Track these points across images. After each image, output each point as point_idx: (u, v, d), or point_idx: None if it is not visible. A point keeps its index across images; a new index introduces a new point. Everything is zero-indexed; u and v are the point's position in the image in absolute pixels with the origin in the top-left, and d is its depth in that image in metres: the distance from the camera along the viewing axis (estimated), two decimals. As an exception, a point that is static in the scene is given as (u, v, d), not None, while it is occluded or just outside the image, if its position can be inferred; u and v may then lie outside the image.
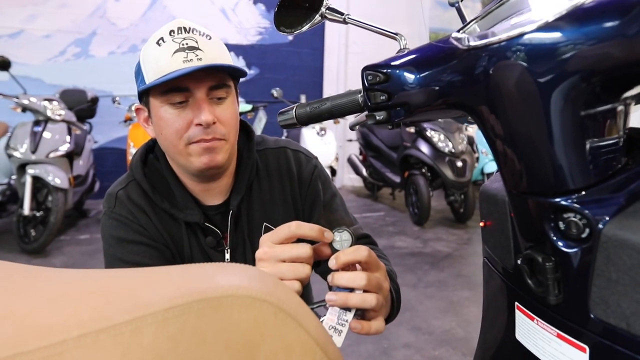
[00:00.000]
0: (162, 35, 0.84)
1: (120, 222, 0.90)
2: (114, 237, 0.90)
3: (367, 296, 0.64)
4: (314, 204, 1.01)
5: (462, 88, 0.51)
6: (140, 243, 0.89)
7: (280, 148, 1.03)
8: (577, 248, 0.45)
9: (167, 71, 0.81)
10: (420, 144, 4.56)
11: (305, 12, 0.75)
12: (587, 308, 0.44)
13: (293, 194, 1.00)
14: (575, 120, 0.44)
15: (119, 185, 0.95)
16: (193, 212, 0.91)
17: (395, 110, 0.59)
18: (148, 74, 0.84)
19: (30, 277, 0.32)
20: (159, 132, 0.87)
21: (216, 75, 0.85)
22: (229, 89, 0.88)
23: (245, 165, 0.96)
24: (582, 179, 0.45)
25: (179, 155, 0.87)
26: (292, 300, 0.33)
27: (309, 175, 1.01)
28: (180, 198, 0.92)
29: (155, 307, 0.27)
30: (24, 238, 3.59)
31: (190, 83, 0.82)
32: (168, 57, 0.81)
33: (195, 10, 6.02)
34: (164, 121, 0.85)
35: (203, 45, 0.83)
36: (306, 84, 6.73)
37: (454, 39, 0.52)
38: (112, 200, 0.93)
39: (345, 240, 0.66)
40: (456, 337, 2.35)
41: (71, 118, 4.15)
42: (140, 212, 0.91)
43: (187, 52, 0.81)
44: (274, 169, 1.00)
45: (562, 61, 0.42)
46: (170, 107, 0.84)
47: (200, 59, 0.82)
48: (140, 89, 0.87)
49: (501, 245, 0.59)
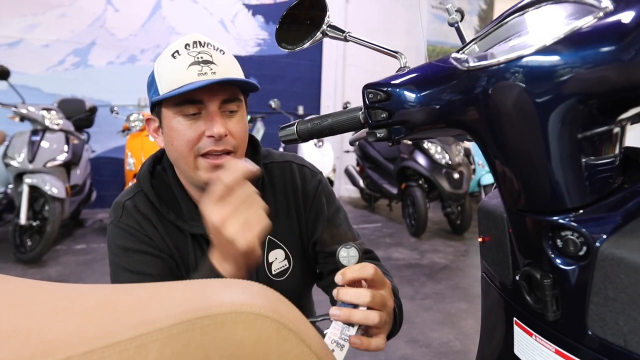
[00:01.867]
0: (177, 48, 0.86)
1: (127, 231, 0.91)
2: (120, 247, 0.91)
3: (370, 313, 0.65)
4: (318, 218, 1.02)
5: (462, 107, 0.52)
6: (145, 253, 0.90)
7: (285, 162, 1.04)
8: (574, 265, 0.46)
9: (182, 83, 0.83)
10: (417, 156, 4.58)
11: (306, 29, 0.76)
12: (585, 325, 0.45)
13: (297, 207, 1.01)
14: (572, 140, 0.45)
15: (126, 195, 0.96)
16: (198, 224, 0.91)
17: (396, 128, 0.60)
18: (162, 85, 0.86)
19: (31, 291, 0.32)
20: (170, 143, 0.88)
21: (229, 89, 0.87)
22: (240, 103, 0.90)
23: (251, 179, 0.97)
24: (579, 198, 0.46)
25: (187, 166, 0.88)
26: (295, 316, 0.33)
27: (313, 190, 1.03)
28: (186, 209, 0.93)
29: (160, 323, 0.28)
30: (20, 247, 3.57)
31: (204, 96, 0.84)
32: (183, 70, 0.83)
33: (194, 21, 6.05)
34: (176, 132, 0.86)
35: (217, 59, 0.86)
36: (304, 95, 6.76)
37: (453, 59, 0.53)
38: (119, 210, 0.94)
39: (353, 257, 0.67)
40: (454, 349, 2.34)
41: (69, 127, 4.15)
42: (147, 222, 0.92)
43: (202, 66, 0.84)
44: (279, 182, 1.01)
45: (559, 84, 0.43)
46: (183, 119, 0.86)
47: (215, 72, 0.84)
48: (154, 100, 0.88)
49: (499, 261, 0.59)
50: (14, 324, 0.27)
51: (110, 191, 5.52)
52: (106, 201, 5.57)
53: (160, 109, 0.90)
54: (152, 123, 0.95)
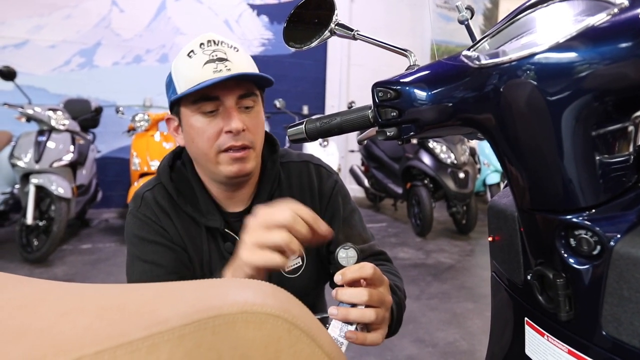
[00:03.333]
0: (193, 48, 0.89)
1: (143, 221, 0.94)
2: (136, 236, 0.93)
3: (366, 311, 0.67)
4: (333, 218, 1.03)
5: (473, 105, 0.51)
6: (159, 244, 0.92)
7: (303, 162, 1.06)
8: (588, 265, 0.45)
9: (198, 81, 0.85)
10: (422, 155, 4.57)
11: (314, 28, 0.75)
12: (599, 325, 0.44)
13: (313, 207, 1.02)
14: (586, 138, 0.44)
15: (146, 186, 0.99)
16: (215, 218, 0.94)
17: (406, 126, 0.59)
18: (180, 85, 0.88)
19: (42, 291, 0.32)
20: (190, 141, 0.91)
21: (244, 85, 0.89)
22: (256, 98, 0.92)
23: (269, 176, 1.00)
24: (593, 196, 0.45)
25: (209, 163, 0.91)
26: (306, 316, 0.33)
27: (329, 190, 1.04)
28: (203, 204, 0.96)
29: (172, 323, 0.27)
30: (27, 247, 3.59)
31: (220, 92, 0.87)
32: (199, 68, 0.86)
33: (199, 21, 6.06)
34: (195, 130, 0.89)
35: (231, 56, 0.88)
36: (309, 95, 6.75)
37: (464, 57, 0.53)
38: (139, 201, 0.96)
39: (351, 257, 0.68)
40: (460, 349, 2.34)
41: (75, 128, 4.16)
42: (164, 214, 0.94)
43: (217, 63, 0.86)
44: (295, 181, 1.04)
45: (574, 81, 0.42)
46: (201, 116, 0.88)
47: (230, 69, 0.86)
48: (172, 99, 0.91)
49: (510, 261, 0.59)
50: (26, 323, 0.27)
51: (115, 191, 5.54)
52: (112, 201, 5.59)
53: (179, 108, 0.93)
54: (172, 122, 0.98)
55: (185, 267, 0.93)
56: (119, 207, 5.64)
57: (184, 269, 0.93)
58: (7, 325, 0.26)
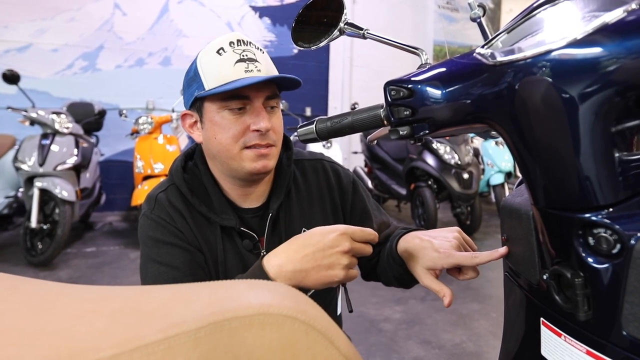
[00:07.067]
0: (222, 45, 0.90)
1: (158, 223, 0.93)
2: (151, 238, 0.93)
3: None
4: (364, 212, 1.09)
5: (489, 103, 0.51)
6: (174, 245, 0.92)
7: (316, 160, 1.10)
8: (607, 264, 0.44)
9: (229, 79, 0.87)
10: (426, 156, 4.55)
11: (323, 27, 0.75)
12: (619, 325, 0.44)
13: (332, 201, 1.07)
14: (605, 135, 0.43)
15: (159, 188, 0.99)
16: (229, 217, 0.95)
17: (419, 125, 0.58)
18: (208, 81, 0.89)
19: (56, 294, 0.32)
20: (212, 136, 0.92)
21: (271, 87, 0.92)
22: (279, 100, 0.96)
23: (285, 172, 1.02)
24: (612, 194, 0.44)
25: (231, 159, 0.92)
26: (323, 318, 0.33)
27: (349, 184, 1.09)
28: (217, 203, 0.96)
29: (188, 325, 0.27)
30: (31, 251, 3.59)
31: (250, 92, 0.89)
32: (230, 66, 0.88)
33: (201, 24, 6.06)
34: (220, 126, 0.90)
35: (259, 57, 0.92)
36: (311, 96, 6.75)
37: (478, 55, 0.52)
38: (152, 202, 0.96)
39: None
40: (467, 351, 2.32)
41: (78, 131, 4.17)
42: (178, 215, 0.94)
43: (248, 63, 0.89)
44: (311, 177, 1.07)
45: (594, 77, 0.41)
46: (228, 113, 0.90)
47: (260, 70, 0.90)
48: (199, 95, 0.91)
49: (525, 260, 0.58)
50: (40, 326, 0.26)
51: (119, 194, 5.55)
52: (115, 204, 5.59)
53: (202, 104, 0.93)
54: (188, 118, 0.99)
55: (201, 268, 0.93)
56: (122, 210, 5.65)
57: (199, 270, 0.93)
58: (22, 328, 0.26)
